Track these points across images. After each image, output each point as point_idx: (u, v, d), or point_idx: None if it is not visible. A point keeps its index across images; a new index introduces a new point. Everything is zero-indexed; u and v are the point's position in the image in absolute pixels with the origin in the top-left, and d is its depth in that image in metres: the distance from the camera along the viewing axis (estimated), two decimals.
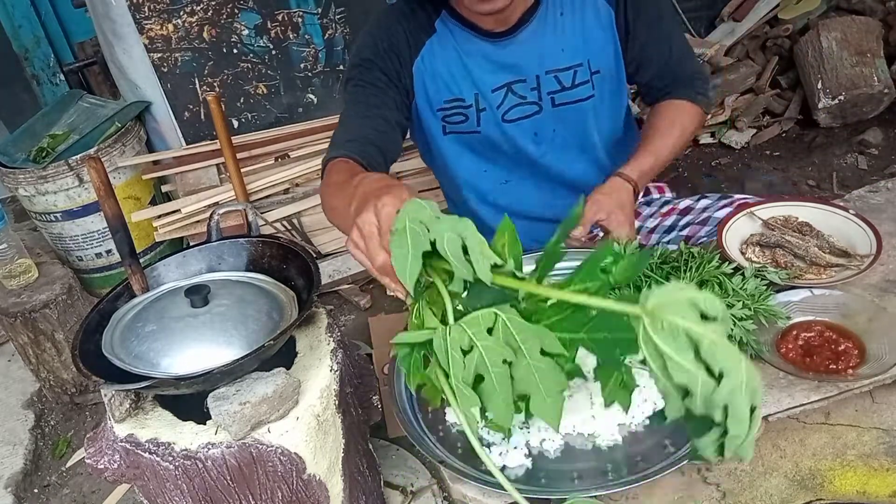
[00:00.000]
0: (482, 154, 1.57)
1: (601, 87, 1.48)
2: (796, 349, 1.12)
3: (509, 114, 1.48)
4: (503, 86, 1.46)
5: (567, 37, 1.43)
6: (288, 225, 2.71)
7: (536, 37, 1.42)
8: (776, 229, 1.36)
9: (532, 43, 1.42)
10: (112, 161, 2.59)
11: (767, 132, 3.25)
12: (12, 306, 2.16)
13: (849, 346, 1.11)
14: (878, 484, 1.00)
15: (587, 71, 1.45)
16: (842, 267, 1.27)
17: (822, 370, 1.08)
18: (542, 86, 1.46)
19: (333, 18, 2.83)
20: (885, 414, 1.07)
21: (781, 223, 1.39)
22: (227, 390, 1.10)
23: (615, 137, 1.61)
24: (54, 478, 2.15)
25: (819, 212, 1.39)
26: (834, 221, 1.36)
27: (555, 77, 1.45)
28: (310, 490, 1.19)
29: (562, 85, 1.46)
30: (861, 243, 1.30)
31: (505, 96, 1.47)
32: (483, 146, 1.55)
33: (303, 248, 1.32)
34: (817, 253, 1.29)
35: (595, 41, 1.44)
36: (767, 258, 1.31)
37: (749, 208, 1.41)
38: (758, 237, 1.35)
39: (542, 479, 1.02)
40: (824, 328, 1.15)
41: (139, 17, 2.59)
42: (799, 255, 1.30)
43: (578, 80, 1.45)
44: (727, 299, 1.10)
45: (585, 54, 1.44)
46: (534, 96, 1.47)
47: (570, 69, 1.45)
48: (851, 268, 1.25)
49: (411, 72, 1.46)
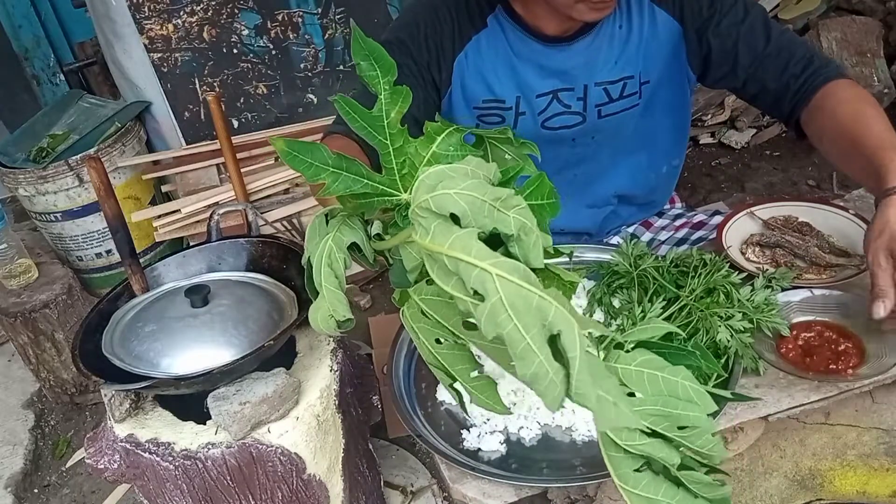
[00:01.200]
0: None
1: (649, 95, 1.43)
2: (796, 349, 1.12)
3: (551, 121, 1.43)
4: (549, 93, 1.41)
5: (622, 49, 1.38)
6: (288, 225, 2.71)
7: (592, 48, 1.37)
8: (776, 229, 1.36)
9: (586, 53, 1.37)
10: (112, 161, 2.59)
11: (767, 132, 3.25)
12: (12, 306, 2.16)
13: (849, 347, 1.11)
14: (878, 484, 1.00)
15: (637, 82, 1.41)
16: (842, 267, 1.26)
17: (822, 370, 1.08)
18: (589, 97, 1.41)
19: (333, 18, 2.83)
20: (885, 414, 1.07)
21: (782, 223, 1.39)
22: (227, 390, 1.10)
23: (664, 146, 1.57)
24: (54, 478, 2.15)
25: (819, 212, 1.39)
26: (834, 221, 1.36)
27: (604, 89, 1.40)
28: (310, 490, 1.19)
29: (610, 97, 1.41)
30: (860, 242, 1.30)
31: (549, 103, 1.42)
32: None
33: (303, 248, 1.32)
34: (817, 253, 1.29)
35: (651, 54, 1.39)
36: (767, 258, 1.31)
37: (749, 208, 1.41)
38: (758, 237, 1.35)
39: (513, 466, 1.04)
40: (824, 328, 1.15)
41: (139, 17, 2.59)
42: (799, 254, 1.30)
43: (627, 92, 1.41)
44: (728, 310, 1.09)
45: (637, 66, 1.39)
46: (579, 106, 1.42)
47: (620, 81, 1.40)
48: (851, 268, 1.25)
49: (451, 66, 1.39)
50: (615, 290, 1.21)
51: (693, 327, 1.09)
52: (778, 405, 1.05)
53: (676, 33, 1.37)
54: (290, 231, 2.72)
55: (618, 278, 1.22)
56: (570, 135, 1.47)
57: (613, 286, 1.22)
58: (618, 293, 1.21)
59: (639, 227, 1.69)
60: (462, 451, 1.06)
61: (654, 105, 1.46)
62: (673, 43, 1.38)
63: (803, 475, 1.02)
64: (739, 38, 1.33)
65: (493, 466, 1.03)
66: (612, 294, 1.21)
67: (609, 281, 1.22)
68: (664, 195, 1.71)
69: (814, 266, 1.28)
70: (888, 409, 1.08)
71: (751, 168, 3.12)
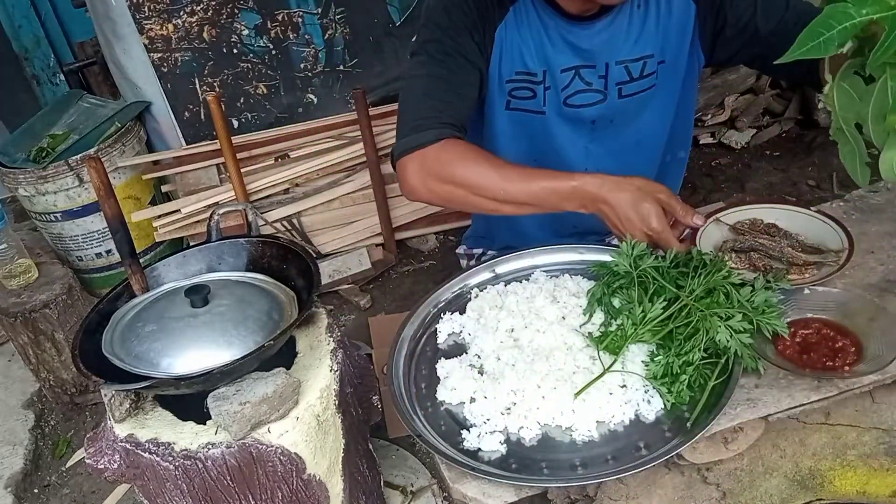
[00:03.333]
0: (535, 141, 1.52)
1: (663, 76, 1.46)
2: (793, 346, 1.12)
3: (573, 98, 1.45)
4: (572, 68, 1.43)
5: (641, 27, 1.40)
6: (288, 225, 2.71)
7: (613, 27, 1.39)
8: (746, 233, 1.35)
9: (608, 32, 1.40)
10: (112, 161, 2.59)
11: (767, 132, 3.25)
12: (12, 306, 2.16)
13: (846, 344, 1.11)
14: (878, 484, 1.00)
15: (655, 62, 1.43)
16: (819, 264, 1.26)
17: (819, 367, 1.08)
18: (610, 75, 1.43)
19: (333, 18, 2.83)
20: (885, 414, 1.07)
21: (749, 227, 1.37)
22: (227, 390, 1.10)
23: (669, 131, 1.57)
24: (54, 478, 2.15)
25: (782, 212, 1.38)
26: (798, 220, 1.36)
27: (625, 67, 1.42)
28: (310, 490, 1.19)
29: (630, 76, 1.43)
30: (830, 239, 1.30)
31: (572, 79, 1.44)
32: (540, 132, 1.51)
33: (303, 248, 1.32)
34: (792, 253, 1.28)
35: (668, 32, 1.41)
36: (745, 263, 1.30)
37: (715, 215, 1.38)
38: (731, 243, 1.34)
39: (513, 466, 1.03)
40: (822, 326, 1.15)
41: (139, 17, 2.59)
42: (774, 256, 1.29)
43: (647, 71, 1.43)
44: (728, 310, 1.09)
45: (655, 45, 1.42)
46: (600, 84, 1.44)
47: (641, 60, 1.42)
48: (830, 264, 1.25)
49: (493, 37, 1.41)
50: (615, 291, 1.21)
51: (693, 327, 1.09)
52: (778, 405, 1.05)
53: (691, 12, 1.39)
54: (290, 231, 2.72)
55: (618, 278, 1.21)
56: (590, 115, 1.48)
57: (613, 286, 1.22)
58: (618, 293, 1.21)
59: None
60: (462, 451, 1.06)
61: (667, 87, 1.48)
62: (687, 22, 1.40)
63: (803, 475, 1.02)
64: (757, 8, 1.34)
65: (493, 466, 1.03)
66: (612, 294, 1.21)
67: (609, 281, 1.22)
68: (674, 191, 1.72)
69: (793, 266, 1.27)
70: (888, 409, 1.08)
71: (751, 168, 3.12)
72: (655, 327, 1.12)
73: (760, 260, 1.29)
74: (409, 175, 1.34)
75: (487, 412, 1.10)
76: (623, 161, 1.54)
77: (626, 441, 1.04)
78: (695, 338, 1.08)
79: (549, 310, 1.23)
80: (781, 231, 1.35)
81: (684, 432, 1.03)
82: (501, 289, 1.33)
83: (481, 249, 1.83)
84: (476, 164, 1.30)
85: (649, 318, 1.12)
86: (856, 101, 0.84)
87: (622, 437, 1.05)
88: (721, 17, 1.38)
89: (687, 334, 1.09)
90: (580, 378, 1.10)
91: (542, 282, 1.32)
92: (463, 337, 1.27)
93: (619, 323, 1.16)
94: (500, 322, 1.23)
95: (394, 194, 2.76)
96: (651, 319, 1.12)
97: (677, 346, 1.09)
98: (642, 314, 1.13)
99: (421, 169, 1.32)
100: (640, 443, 1.04)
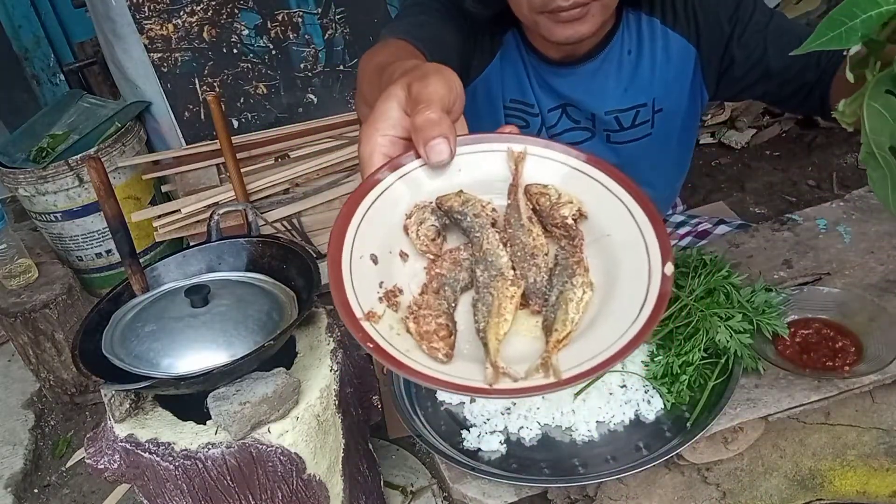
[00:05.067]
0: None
1: (662, 125, 1.39)
2: (793, 346, 1.12)
3: (561, 137, 1.39)
4: (558, 106, 1.38)
5: (632, 76, 1.33)
6: (288, 225, 2.71)
7: (599, 75, 1.32)
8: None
9: (592, 81, 1.33)
10: (112, 161, 2.59)
11: (767, 132, 3.25)
12: (12, 306, 2.16)
13: (846, 344, 1.11)
14: (878, 484, 1.00)
15: (650, 110, 1.35)
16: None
17: (819, 367, 1.08)
18: (597, 123, 1.38)
19: (333, 18, 2.83)
20: (885, 414, 1.07)
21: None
22: (227, 390, 1.10)
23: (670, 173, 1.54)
24: (54, 478, 2.15)
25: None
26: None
27: (615, 118, 1.36)
28: (310, 490, 1.19)
29: (621, 125, 1.37)
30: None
31: (559, 119, 1.39)
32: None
33: (303, 248, 1.32)
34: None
35: (664, 79, 1.34)
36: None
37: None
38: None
39: (513, 466, 1.03)
40: (822, 326, 1.15)
41: (139, 17, 2.59)
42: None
43: (640, 120, 1.36)
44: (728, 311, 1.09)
45: (650, 93, 1.34)
46: (588, 124, 1.38)
47: (633, 109, 1.35)
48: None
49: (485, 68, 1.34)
50: None
51: (693, 327, 1.09)
52: (778, 405, 1.05)
53: (691, 56, 1.32)
54: (290, 231, 2.72)
55: None
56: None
57: None
58: None
59: None
60: (462, 451, 1.06)
61: (666, 133, 1.42)
62: (687, 67, 1.33)
63: (803, 475, 1.02)
64: (767, 43, 1.27)
65: (493, 466, 1.03)
66: None
67: None
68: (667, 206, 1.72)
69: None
70: (888, 409, 1.08)
71: (751, 168, 3.12)
72: (655, 327, 1.12)
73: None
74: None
75: (487, 412, 1.10)
76: None
77: (626, 441, 1.04)
78: (695, 338, 1.08)
79: None
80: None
81: (684, 432, 1.03)
82: None
83: None
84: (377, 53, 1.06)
85: None
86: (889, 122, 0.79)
87: (622, 437, 1.05)
88: (727, 57, 1.30)
89: (687, 334, 1.09)
90: None
91: None
92: None
93: None
94: None
95: None
96: None
97: (677, 346, 1.09)
98: None
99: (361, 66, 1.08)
100: (640, 443, 1.03)
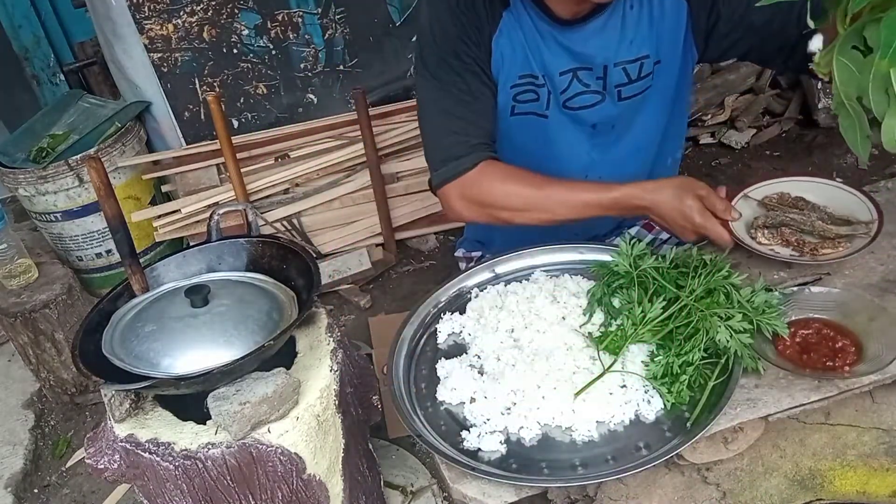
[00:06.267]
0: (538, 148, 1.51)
1: (660, 77, 1.45)
2: (794, 346, 1.12)
3: (572, 101, 1.45)
4: (569, 70, 1.42)
5: (635, 28, 1.40)
6: (288, 225, 2.72)
7: (606, 29, 1.38)
8: (775, 208, 1.36)
9: (601, 34, 1.39)
10: (112, 161, 2.59)
11: (767, 132, 3.25)
12: (12, 306, 2.16)
13: (846, 344, 1.11)
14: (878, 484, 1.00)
15: (651, 62, 1.42)
16: (850, 236, 1.27)
17: (819, 367, 1.08)
18: (608, 77, 1.43)
19: (333, 18, 2.83)
20: (885, 414, 1.07)
21: (777, 201, 1.38)
22: (227, 390, 1.10)
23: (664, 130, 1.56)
24: (54, 478, 2.15)
25: (809, 184, 1.40)
26: (825, 192, 1.37)
27: (623, 69, 1.42)
28: (310, 490, 1.19)
29: (629, 77, 1.43)
30: (858, 210, 1.31)
31: (570, 82, 1.43)
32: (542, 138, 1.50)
33: (303, 248, 1.32)
34: (823, 226, 1.29)
35: (662, 32, 1.41)
36: (777, 239, 1.31)
37: (742, 191, 1.40)
38: (762, 219, 1.35)
39: (513, 466, 1.04)
40: (822, 326, 1.15)
41: (139, 17, 2.59)
42: (806, 230, 1.30)
43: (644, 72, 1.43)
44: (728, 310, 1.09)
45: (650, 46, 1.41)
46: (598, 85, 1.44)
47: (637, 61, 1.42)
48: (861, 235, 1.25)
49: (490, 47, 1.40)
50: (615, 290, 1.21)
51: (693, 327, 1.09)
52: (778, 405, 1.05)
53: (683, 10, 1.39)
54: (290, 231, 2.72)
55: (618, 278, 1.22)
56: (591, 118, 1.47)
57: (613, 286, 1.22)
58: (618, 293, 1.21)
59: (640, 229, 1.68)
60: (462, 451, 1.06)
61: (662, 87, 1.47)
62: (679, 20, 1.40)
63: (803, 475, 1.02)
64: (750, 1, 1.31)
65: (493, 466, 1.03)
66: (612, 294, 1.21)
67: (609, 281, 1.22)
68: None
69: (825, 240, 1.28)
70: (888, 409, 1.08)
71: (751, 168, 3.12)
72: (655, 327, 1.12)
73: (792, 235, 1.30)
74: (452, 202, 1.42)
75: (487, 412, 1.10)
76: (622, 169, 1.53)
77: (626, 441, 1.04)
78: (695, 338, 1.08)
79: (549, 310, 1.23)
80: (810, 204, 1.36)
81: (684, 432, 1.03)
82: (501, 289, 1.33)
83: (479, 252, 1.83)
84: (516, 185, 1.36)
85: (649, 318, 1.12)
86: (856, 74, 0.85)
87: (622, 437, 1.05)
88: (714, 13, 1.37)
89: (687, 334, 1.09)
90: (580, 378, 1.10)
91: (542, 282, 1.32)
92: (463, 337, 1.27)
93: (619, 323, 1.16)
94: (500, 322, 1.23)
95: (394, 194, 2.76)
96: (651, 319, 1.12)
97: (677, 346, 1.09)
98: (642, 314, 1.13)
99: (462, 196, 1.39)
100: (640, 443, 1.04)
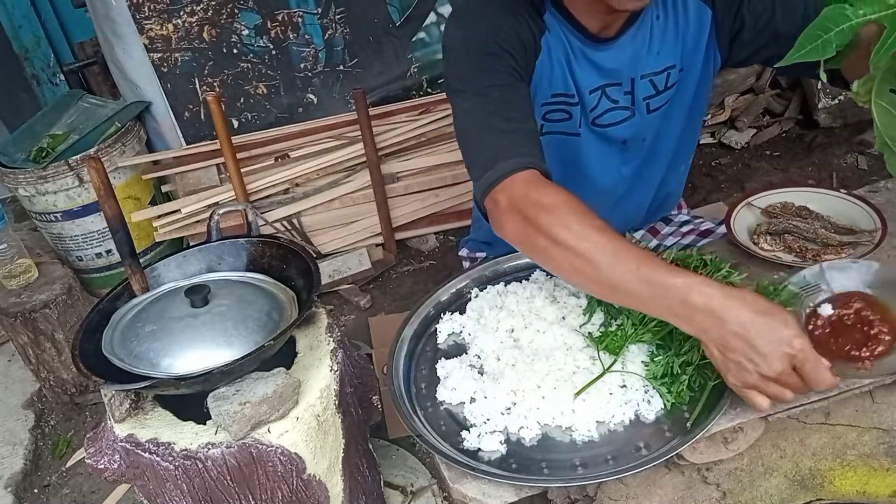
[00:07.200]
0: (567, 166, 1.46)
1: (682, 86, 1.44)
2: (826, 327, 1.07)
3: (601, 118, 1.43)
4: (598, 88, 1.41)
5: (662, 38, 1.39)
6: (288, 225, 2.72)
7: (635, 42, 1.37)
8: (778, 216, 1.38)
9: (630, 48, 1.37)
10: (112, 161, 2.59)
11: (767, 132, 3.25)
12: (12, 306, 2.16)
13: (882, 331, 1.04)
14: (878, 484, 1.00)
15: (676, 72, 1.41)
16: (854, 244, 1.28)
17: (843, 355, 1.05)
18: (636, 90, 1.41)
19: (333, 18, 2.83)
20: (885, 414, 1.07)
21: (780, 210, 1.40)
22: (227, 390, 1.10)
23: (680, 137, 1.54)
24: (54, 478, 2.15)
25: (812, 195, 1.42)
26: (829, 202, 1.39)
27: (650, 81, 1.41)
28: (310, 490, 1.19)
29: (656, 89, 1.42)
30: (861, 219, 1.33)
31: (599, 99, 1.42)
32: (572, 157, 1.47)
33: (303, 248, 1.32)
34: (825, 234, 1.31)
35: (686, 40, 1.40)
36: (779, 245, 1.32)
37: (746, 199, 1.42)
38: (765, 226, 1.36)
39: (513, 466, 1.03)
40: (864, 306, 1.07)
41: (139, 17, 2.59)
42: (808, 237, 1.31)
43: (671, 82, 1.42)
44: None
45: (675, 55, 1.40)
46: (626, 101, 1.42)
47: (664, 71, 1.41)
48: (864, 243, 1.27)
49: (534, 66, 1.36)
50: None
51: None
52: (778, 405, 1.05)
53: (707, 18, 1.38)
54: (290, 231, 2.72)
55: None
56: (621, 134, 1.45)
57: None
58: None
59: (646, 233, 1.68)
60: (462, 451, 1.06)
61: (683, 95, 1.47)
62: (703, 28, 1.39)
63: (803, 475, 1.02)
64: (776, 9, 1.32)
65: (493, 466, 1.03)
66: None
67: None
68: (676, 198, 1.73)
69: (828, 247, 1.29)
70: (888, 409, 1.08)
71: (751, 168, 3.12)
72: (655, 327, 1.12)
73: (795, 242, 1.32)
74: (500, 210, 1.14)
75: (487, 412, 1.10)
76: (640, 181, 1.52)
77: (626, 441, 1.04)
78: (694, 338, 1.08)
79: (548, 310, 1.23)
80: (813, 213, 1.38)
81: (684, 432, 1.03)
82: (501, 289, 1.33)
83: (484, 253, 1.83)
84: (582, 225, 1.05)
85: (649, 318, 1.12)
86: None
87: (622, 437, 1.05)
88: (738, 20, 1.35)
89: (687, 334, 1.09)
90: (580, 378, 1.10)
91: (542, 282, 1.32)
92: (463, 337, 1.27)
93: (619, 323, 1.16)
94: (500, 322, 1.24)
95: (394, 194, 2.76)
96: (651, 319, 1.12)
97: (677, 346, 1.09)
98: (642, 314, 1.13)
99: (510, 205, 1.12)
100: (640, 443, 1.04)
